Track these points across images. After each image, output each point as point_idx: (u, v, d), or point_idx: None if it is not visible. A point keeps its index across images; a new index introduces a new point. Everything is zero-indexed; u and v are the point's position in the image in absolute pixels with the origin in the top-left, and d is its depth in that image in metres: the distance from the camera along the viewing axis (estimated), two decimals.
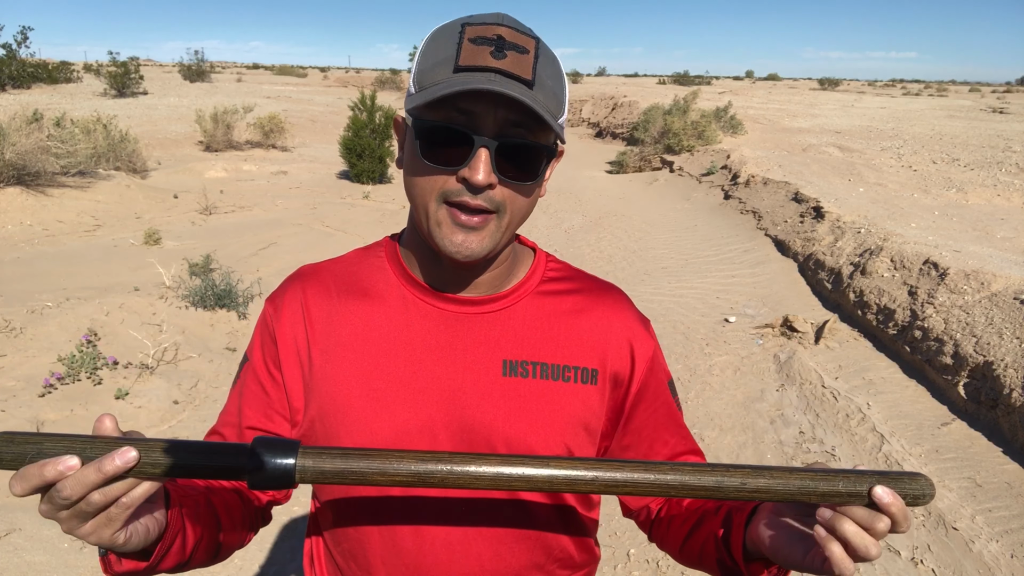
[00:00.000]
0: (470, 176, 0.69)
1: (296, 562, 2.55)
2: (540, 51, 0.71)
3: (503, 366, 0.79)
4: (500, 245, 0.76)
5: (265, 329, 0.84)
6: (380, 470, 0.59)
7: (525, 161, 0.71)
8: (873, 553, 0.59)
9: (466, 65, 0.67)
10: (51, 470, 0.53)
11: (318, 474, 0.58)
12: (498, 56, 0.67)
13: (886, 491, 0.58)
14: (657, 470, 0.60)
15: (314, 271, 0.87)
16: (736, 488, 0.60)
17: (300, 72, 51.64)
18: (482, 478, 0.59)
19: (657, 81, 50.52)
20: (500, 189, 0.71)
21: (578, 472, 0.60)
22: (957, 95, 42.75)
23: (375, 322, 0.81)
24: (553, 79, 0.72)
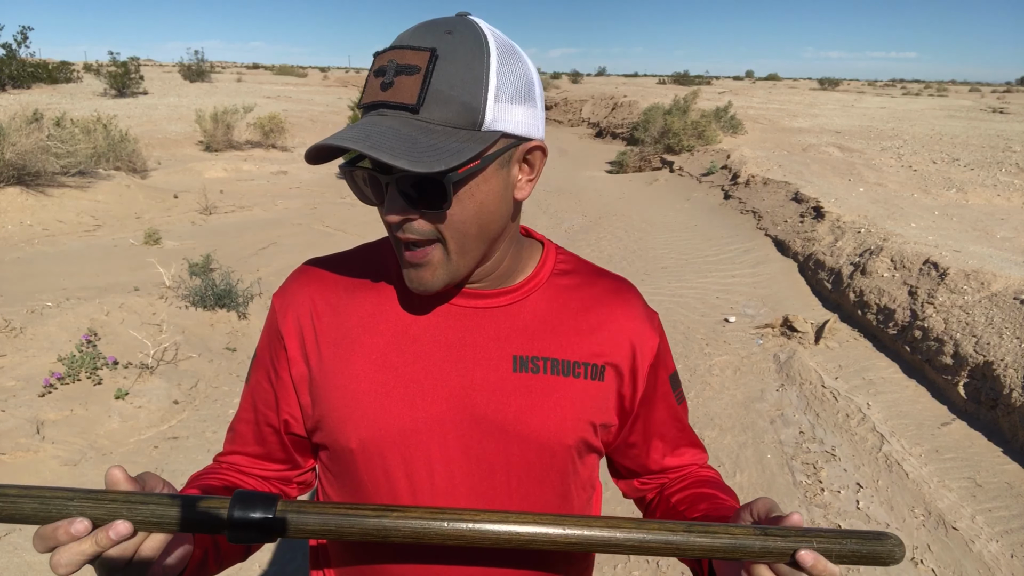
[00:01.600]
0: (385, 217, 0.70)
1: (296, 562, 2.55)
2: (436, 61, 0.65)
3: (514, 361, 0.79)
4: (461, 269, 0.74)
5: (272, 326, 0.84)
6: (355, 526, 0.60)
7: (427, 191, 0.67)
8: None
9: (364, 103, 0.69)
10: (63, 534, 0.55)
11: (297, 528, 0.59)
12: (385, 88, 0.67)
13: (810, 554, 0.62)
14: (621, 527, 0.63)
15: (321, 265, 0.87)
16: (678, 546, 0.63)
17: (300, 72, 51.63)
18: (463, 535, 0.61)
19: (657, 81, 50.52)
20: (427, 219, 0.70)
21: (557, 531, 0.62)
22: (957, 95, 42.76)
23: (382, 315, 0.80)
24: (462, 80, 0.66)
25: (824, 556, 0.63)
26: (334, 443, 0.80)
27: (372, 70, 0.69)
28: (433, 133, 0.65)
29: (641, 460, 0.92)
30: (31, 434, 3.07)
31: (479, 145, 0.67)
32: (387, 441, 0.77)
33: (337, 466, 0.82)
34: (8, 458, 2.94)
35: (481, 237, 0.73)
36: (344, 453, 0.79)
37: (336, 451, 0.80)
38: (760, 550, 0.63)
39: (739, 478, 3.23)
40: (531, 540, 0.62)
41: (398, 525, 0.60)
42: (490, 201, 0.72)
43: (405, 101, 0.66)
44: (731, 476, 3.24)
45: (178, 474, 3.01)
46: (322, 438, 0.81)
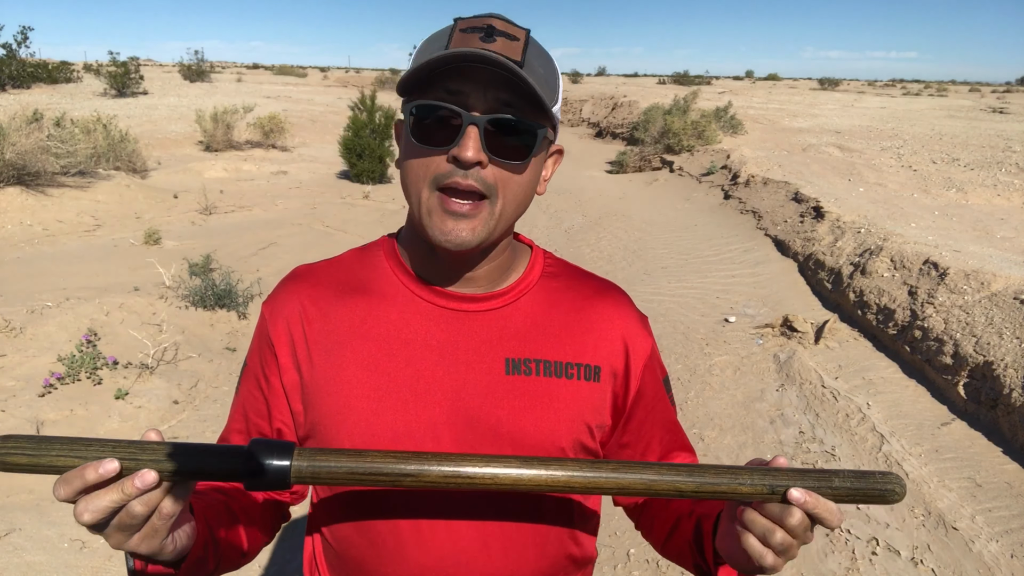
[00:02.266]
0: (459, 153, 0.68)
1: (296, 562, 2.55)
2: (530, 41, 0.71)
3: (506, 364, 0.78)
4: (494, 234, 0.75)
5: (262, 333, 0.83)
6: (373, 470, 0.60)
7: (516, 140, 0.71)
8: (776, 539, 0.63)
9: (459, 49, 0.67)
10: (91, 473, 0.55)
11: (313, 474, 0.60)
12: (487, 40, 0.68)
13: (800, 491, 0.62)
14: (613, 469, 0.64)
15: (310, 271, 0.86)
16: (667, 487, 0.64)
17: (300, 72, 51.65)
18: (474, 478, 0.61)
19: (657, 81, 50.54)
20: (491, 170, 0.71)
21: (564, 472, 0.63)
22: (957, 95, 42.76)
23: (374, 321, 0.80)
24: (545, 68, 0.73)
25: (819, 492, 0.63)
26: None
27: (458, 29, 0.70)
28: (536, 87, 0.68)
29: None
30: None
31: (554, 120, 0.73)
32: (381, 446, 0.76)
33: None
34: None
35: (516, 213, 0.76)
36: None
37: None
38: (750, 488, 0.63)
39: None
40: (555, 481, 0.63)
41: (414, 470, 0.61)
42: (533, 181, 0.77)
43: (512, 56, 0.68)
44: None
45: None
46: (315, 445, 0.80)
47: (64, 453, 0.57)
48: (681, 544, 0.83)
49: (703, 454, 3.44)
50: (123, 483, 0.55)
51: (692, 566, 0.83)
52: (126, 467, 0.56)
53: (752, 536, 0.64)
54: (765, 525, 0.63)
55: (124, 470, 0.56)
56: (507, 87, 0.68)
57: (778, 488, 0.63)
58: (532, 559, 0.82)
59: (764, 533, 0.63)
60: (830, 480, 0.64)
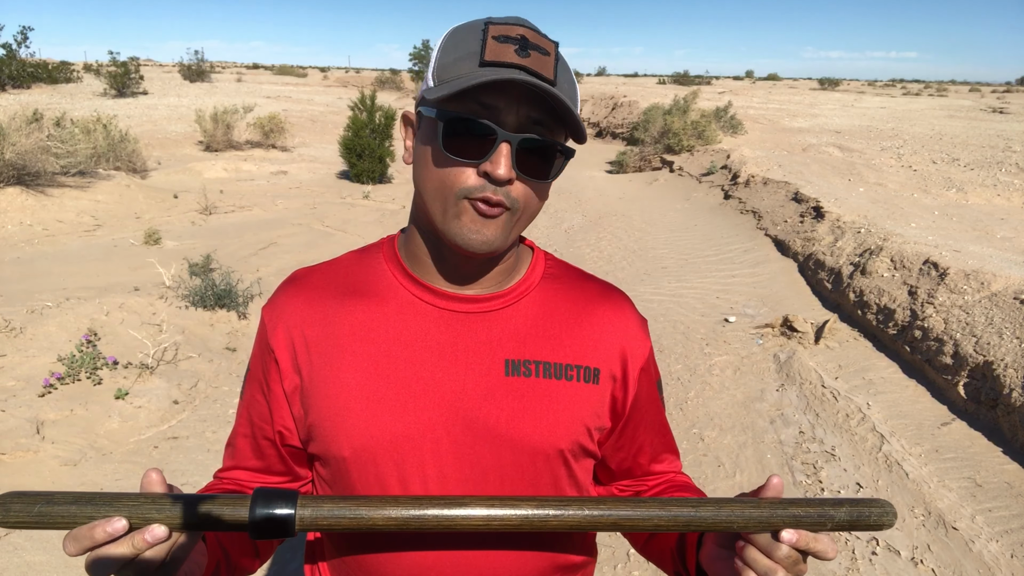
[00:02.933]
0: (492, 170, 0.69)
1: (296, 562, 2.55)
2: (559, 55, 0.72)
3: (506, 366, 0.78)
4: (509, 240, 0.76)
5: (262, 338, 0.83)
6: (372, 518, 0.62)
7: (544, 159, 0.72)
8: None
9: (492, 60, 0.67)
10: (100, 532, 0.56)
11: (315, 522, 0.62)
12: (522, 54, 0.68)
13: (792, 533, 0.64)
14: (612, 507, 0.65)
15: (309, 274, 0.86)
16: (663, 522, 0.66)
17: (300, 72, 51.63)
18: (469, 521, 0.63)
19: (657, 81, 50.53)
20: (518, 185, 0.72)
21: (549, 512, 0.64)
22: (957, 95, 42.76)
23: (373, 323, 0.80)
24: (569, 84, 0.73)
25: (814, 527, 0.65)
26: (327, 452, 0.79)
27: (491, 36, 0.69)
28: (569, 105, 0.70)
29: (627, 464, 0.91)
30: (31, 434, 3.07)
31: (581, 137, 0.74)
32: (380, 448, 0.76)
33: (331, 475, 0.81)
34: (8, 458, 2.94)
35: (528, 222, 0.78)
36: (337, 462, 0.79)
37: (329, 460, 0.80)
38: (743, 525, 0.65)
39: (739, 478, 3.23)
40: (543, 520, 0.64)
41: (418, 516, 0.63)
42: (547, 191, 0.78)
43: (546, 74, 0.69)
44: (731, 476, 3.25)
45: (178, 474, 3.01)
46: (315, 448, 0.81)
47: (70, 512, 0.58)
48: (663, 549, 0.85)
49: (703, 454, 3.44)
50: (133, 537, 0.56)
51: (672, 573, 0.85)
52: (134, 523, 0.58)
53: (753, 573, 0.66)
54: (768, 566, 0.65)
55: (132, 526, 0.58)
56: (539, 105, 0.69)
57: (772, 526, 0.65)
58: (530, 559, 0.82)
59: (766, 573, 0.65)
60: (828, 518, 0.66)
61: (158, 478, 0.61)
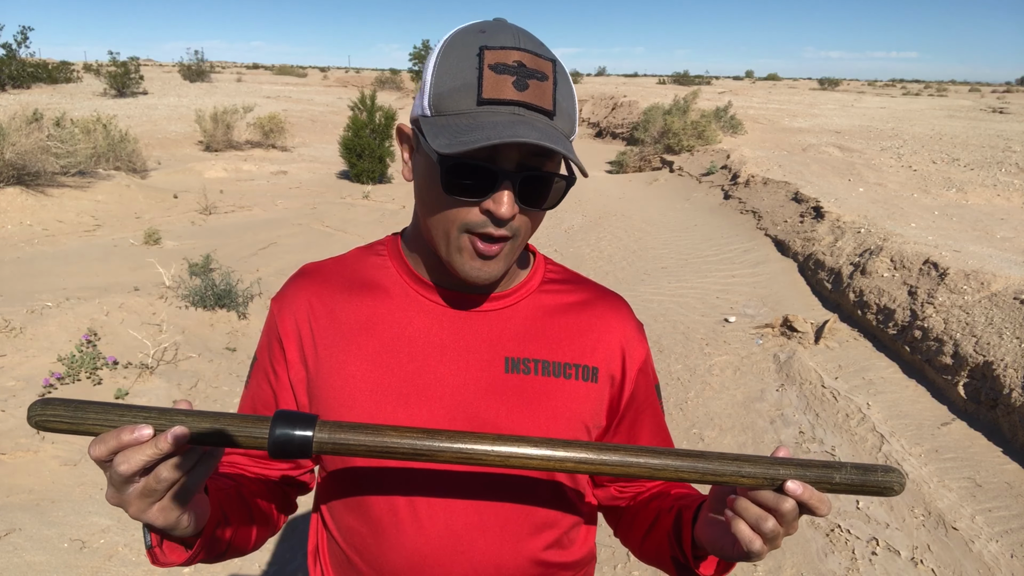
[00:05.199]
0: (495, 210, 0.70)
1: (296, 561, 2.55)
2: (557, 74, 0.71)
3: (505, 363, 0.81)
4: (512, 263, 0.78)
5: (271, 329, 0.86)
6: (388, 445, 0.63)
7: (543, 189, 0.73)
8: (768, 527, 0.64)
9: (489, 98, 0.67)
10: (127, 435, 0.58)
11: (333, 446, 0.63)
12: (520, 87, 0.67)
13: (796, 483, 0.64)
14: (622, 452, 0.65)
15: (317, 269, 0.88)
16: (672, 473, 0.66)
17: (300, 72, 51.63)
18: (487, 455, 0.64)
19: (657, 81, 50.54)
20: (519, 217, 0.73)
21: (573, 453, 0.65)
22: (957, 95, 42.76)
23: (378, 318, 0.82)
24: (568, 100, 0.73)
25: (817, 485, 0.65)
26: None
27: (487, 64, 0.67)
28: (566, 141, 0.71)
29: None
30: (31, 434, 3.07)
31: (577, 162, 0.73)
32: None
33: (335, 466, 0.84)
34: (8, 458, 2.94)
35: (530, 237, 0.80)
36: None
37: None
38: (751, 479, 0.65)
39: None
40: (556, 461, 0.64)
41: (427, 447, 0.63)
42: None
43: (545, 107, 0.69)
44: None
45: None
46: None
47: (101, 419, 0.60)
48: (660, 538, 0.85)
49: None
50: (157, 439, 0.58)
51: (669, 559, 0.84)
52: (159, 430, 0.60)
53: (743, 523, 0.66)
54: (758, 513, 0.65)
55: (156, 432, 0.60)
56: None
57: (778, 479, 0.65)
58: (527, 551, 0.83)
59: (756, 520, 0.65)
60: (831, 476, 0.66)
61: (186, 406, 0.63)
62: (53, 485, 2.83)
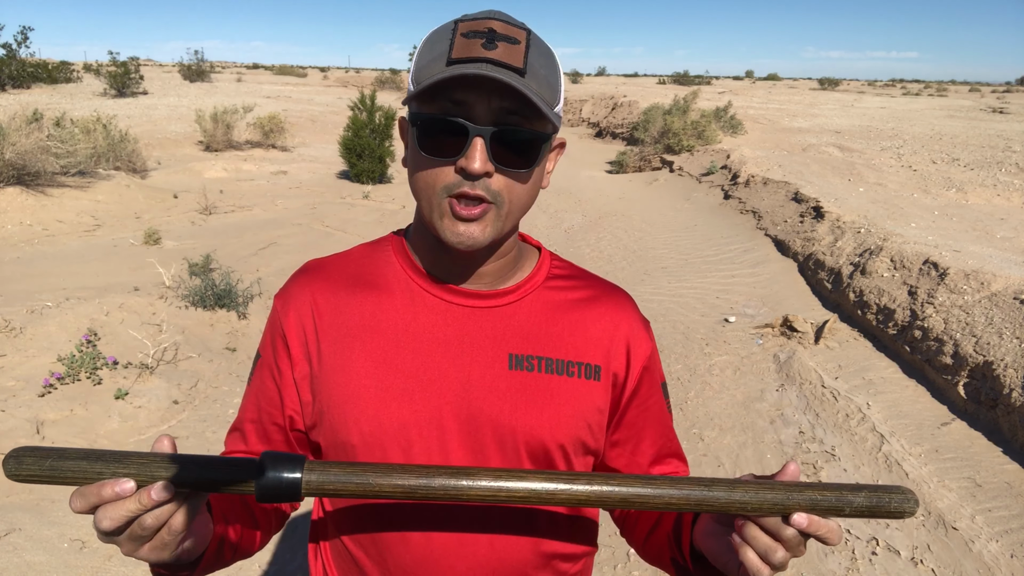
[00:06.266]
0: (466, 165, 0.70)
1: (296, 562, 2.55)
2: (532, 41, 0.72)
3: (509, 359, 0.81)
4: (502, 233, 0.77)
5: (274, 325, 0.86)
6: (379, 486, 0.62)
7: (521, 149, 0.73)
8: (777, 558, 0.63)
9: (458, 57, 0.69)
10: (108, 491, 0.57)
11: (322, 487, 0.62)
12: (489, 47, 0.69)
13: (803, 517, 0.62)
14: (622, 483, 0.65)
15: (321, 265, 0.88)
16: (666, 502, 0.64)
17: (300, 72, 51.61)
18: (476, 491, 0.63)
19: (657, 81, 50.52)
20: (498, 178, 0.73)
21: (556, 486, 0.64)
22: (957, 95, 42.76)
23: (383, 314, 0.82)
24: (547, 68, 0.73)
25: (831, 512, 0.63)
26: (335, 438, 0.81)
27: (460, 33, 0.70)
28: (530, 84, 0.70)
29: (623, 461, 0.91)
30: (31, 434, 3.07)
31: (557, 123, 0.75)
32: (388, 435, 0.78)
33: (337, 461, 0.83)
34: None
35: (522, 212, 0.79)
36: (346, 448, 0.80)
37: (337, 446, 0.82)
38: (756, 508, 0.63)
39: None
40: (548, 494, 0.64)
41: (425, 484, 0.62)
42: (537, 180, 0.79)
43: (514, 64, 0.69)
44: (731, 476, 3.25)
45: None
46: (322, 434, 0.83)
47: (80, 470, 0.58)
48: (660, 538, 0.84)
49: (703, 454, 3.44)
50: (140, 494, 0.57)
51: (668, 560, 0.83)
52: (140, 482, 0.58)
53: (752, 551, 0.64)
54: (768, 544, 0.64)
55: (139, 484, 0.58)
56: (511, 95, 0.70)
57: (788, 508, 0.63)
58: (530, 544, 0.83)
59: (766, 551, 0.64)
60: (843, 505, 0.64)
61: (169, 444, 0.62)
62: (53, 485, 2.83)
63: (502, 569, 0.81)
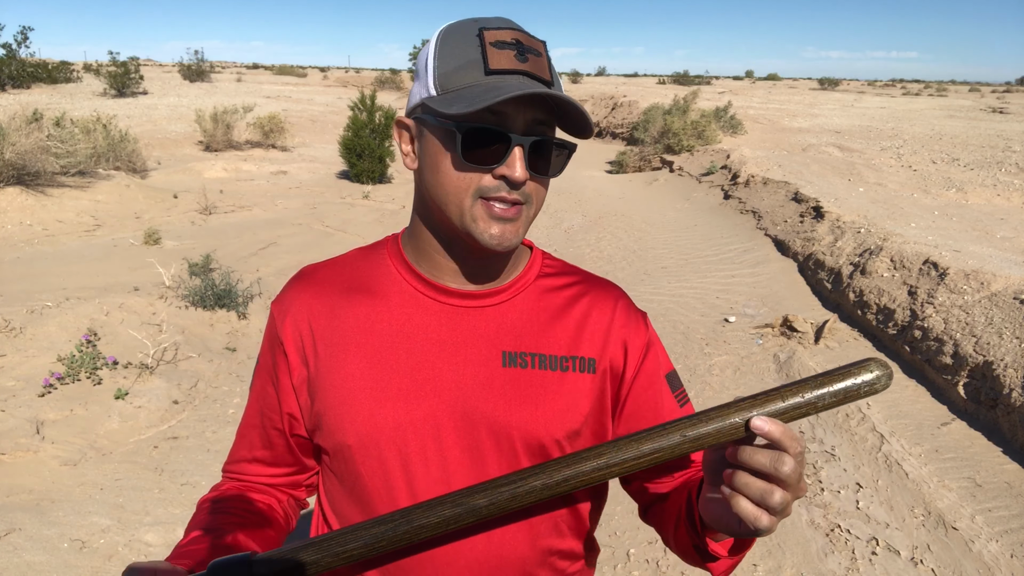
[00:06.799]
0: (510, 173, 0.73)
1: None
2: (548, 54, 0.77)
3: (503, 357, 0.81)
4: (523, 235, 0.81)
5: (271, 333, 0.87)
6: (328, 553, 0.64)
7: (548, 156, 0.77)
8: (775, 500, 0.60)
9: (497, 68, 0.72)
10: None
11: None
12: (521, 60, 0.73)
13: (761, 419, 0.59)
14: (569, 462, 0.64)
15: (316, 271, 0.90)
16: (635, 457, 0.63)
17: (300, 72, 51.59)
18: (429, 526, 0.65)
19: (657, 81, 50.51)
20: (529, 183, 0.76)
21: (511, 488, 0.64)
22: (957, 95, 42.75)
23: (377, 317, 0.83)
24: (557, 74, 0.79)
25: (802, 416, 0.60)
26: (332, 441, 0.82)
27: (488, 43, 0.73)
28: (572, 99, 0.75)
29: None
30: (31, 434, 3.07)
31: None
32: (384, 436, 0.79)
33: (336, 464, 0.84)
34: (8, 458, 2.94)
35: (538, 213, 0.83)
36: (343, 450, 0.81)
37: (335, 448, 0.83)
38: (714, 435, 0.59)
39: None
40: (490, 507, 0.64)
41: (379, 535, 0.64)
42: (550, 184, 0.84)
43: (544, 77, 0.75)
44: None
45: (178, 474, 3.01)
46: (322, 437, 0.84)
47: None
48: (680, 529, 0.82)
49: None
50: None
51: (691, 548, 0.80)
52: None
53: (744, 499, 0.62)
54: (762, 487, 0.61)
55: None
56: (540, 107, 0.74)
57: (737, 423, 0.58)
58: (529, 542, 0.83)
59: (762, 496, 0.61)
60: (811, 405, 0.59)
61: None
62: (53, 485, 2.83)
63: (501, 567, 0.82)
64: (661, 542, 2.77)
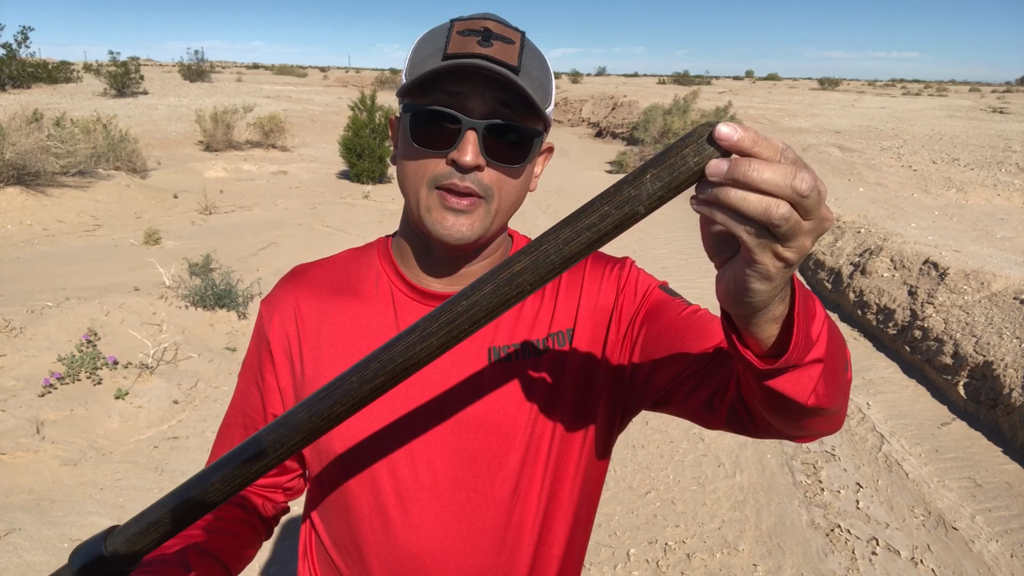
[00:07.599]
0: (458, 157, 0.70)
1: (296, 562, 2.55)
2: (525, 43, 0.73)
3: (489, 354, 0.80)
4: (490, 231, 0.77)
5: (259, 331, 0.86)
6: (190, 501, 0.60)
7: (512, 144, 0.72)
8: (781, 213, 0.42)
9: (454, 53, 0.69)
10: None
11: (130, 548, 0.62)
12: (485, 44, 0.69)
13: (726, 125, 0.42)
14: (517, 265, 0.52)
15: (306, 271, 0.89)
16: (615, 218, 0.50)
17: (300, 72, 51.59)
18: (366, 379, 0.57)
19: (657, 81, 50.52)
20: (488, 172, 0.72)
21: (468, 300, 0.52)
22: (957, 95, 42.75)
23: (364, 320, 0.82)
24: (539, 71, 0.74)
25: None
26: (317, 445, 0.81)
27: (455, 31, 0.71)
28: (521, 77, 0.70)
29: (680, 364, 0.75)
30: (31, 434, 3.07)
31: (547, 123, 0.75)
32: (369, 440, 0.78)
33: (322, 469, 0.83)
34: (8, 458, 2.94)
35: (511, 211, 0.78)
36: (328, 455, 0.81)
37: (321, 454, 0.82)
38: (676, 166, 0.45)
39: (739, 478, 3.23)
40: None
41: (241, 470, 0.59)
42: (526, 180, 0.78)
43: (509, 61, 0.70)
44: (731, 476, 3.24)
45: (178, 474, 3.01)
46: None
47: None
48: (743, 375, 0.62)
49: (703, 454, 3.44)
50: None
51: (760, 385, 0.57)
52: None
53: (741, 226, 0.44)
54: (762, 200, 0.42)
55: None
56: (504, 90, 0.70)
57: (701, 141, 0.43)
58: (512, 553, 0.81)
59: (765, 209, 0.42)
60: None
61: None
62: (53, 485, 2.83)
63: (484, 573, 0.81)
64: (661, 542, 2.78)
